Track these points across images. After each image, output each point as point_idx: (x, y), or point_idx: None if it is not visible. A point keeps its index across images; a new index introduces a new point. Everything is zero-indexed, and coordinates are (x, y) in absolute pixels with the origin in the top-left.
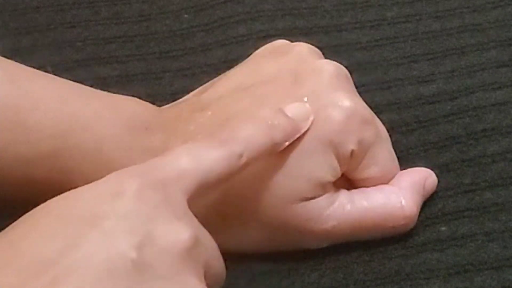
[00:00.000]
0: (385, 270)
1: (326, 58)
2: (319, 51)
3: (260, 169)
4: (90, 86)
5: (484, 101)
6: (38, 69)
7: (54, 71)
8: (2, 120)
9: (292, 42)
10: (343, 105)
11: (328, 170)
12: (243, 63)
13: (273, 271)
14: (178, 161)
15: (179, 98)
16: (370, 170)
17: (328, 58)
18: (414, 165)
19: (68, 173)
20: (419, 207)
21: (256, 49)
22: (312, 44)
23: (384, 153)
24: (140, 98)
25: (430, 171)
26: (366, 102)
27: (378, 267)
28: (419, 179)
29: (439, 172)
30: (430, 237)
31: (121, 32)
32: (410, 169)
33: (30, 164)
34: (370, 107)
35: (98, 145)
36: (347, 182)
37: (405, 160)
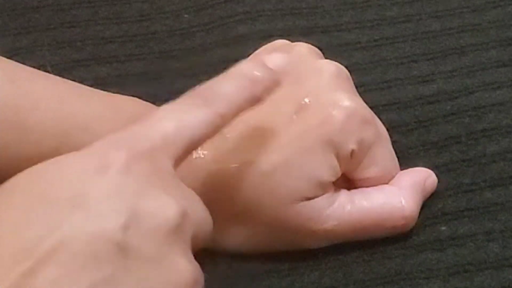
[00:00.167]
0: (385, 270)
1: (326, 58)
2: (319, 51)
3: (260, 169)
4: (90, 86)
5: (484, 101)
6: (38, 69)
7: (54, 71)
8: (2, 120)
9: (292, 42)
10: (343, 105)
11: (328, 170)
12: None
13: (273, 271)
14: (163, 126)
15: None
16: (370, 170)
17: (328, 58)
18: (414, 165)
19: None
20: (419, 207)
21: (256, 49)
22: (312, 44)
23: (384, 153)
24: (140, 98)
25: (430, 171)
26: (366, 102)
27: (378, 267)
28: (419, 179)
29: (439, 172)
30: (430, 237)
31: (121, 32)
32: (410, 169)
33: (30, 164)
34: (370, 107)
35: None
36: (347, 182)
37: (405, 160)
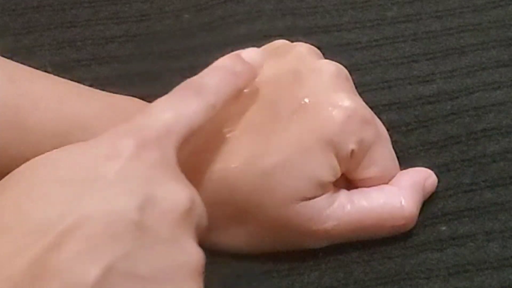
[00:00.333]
0: (385, 270)
1: (326, 58)
2: (319, 51)
3: (260, 169)
4: (90, 86)
5: (484, 101)
6: (38, 69)
7: (54, 71)
8: (2, 120)
9: (292, 42)
10: (343, 105)
11: (328, 170)
12: None
13: (273, 271)
14: (163, 116)
15: None
16: (370, 170)
17: (328, 58)
18: (414, 165)
19: None
20: (419, 207)
21: None
22: (312, 44)
23: (384, 153)
24: (140, 98)
25: (430, 171)
26: (366, 102)
27: (378, 267)
28: (419, 179)
29: (439, 172)
30: (430, 237)
31: (121, 32)
32: (410, 169)
33: None
34: (370, 107)
35: None
36: (347, 182)
37: (405, 160)
